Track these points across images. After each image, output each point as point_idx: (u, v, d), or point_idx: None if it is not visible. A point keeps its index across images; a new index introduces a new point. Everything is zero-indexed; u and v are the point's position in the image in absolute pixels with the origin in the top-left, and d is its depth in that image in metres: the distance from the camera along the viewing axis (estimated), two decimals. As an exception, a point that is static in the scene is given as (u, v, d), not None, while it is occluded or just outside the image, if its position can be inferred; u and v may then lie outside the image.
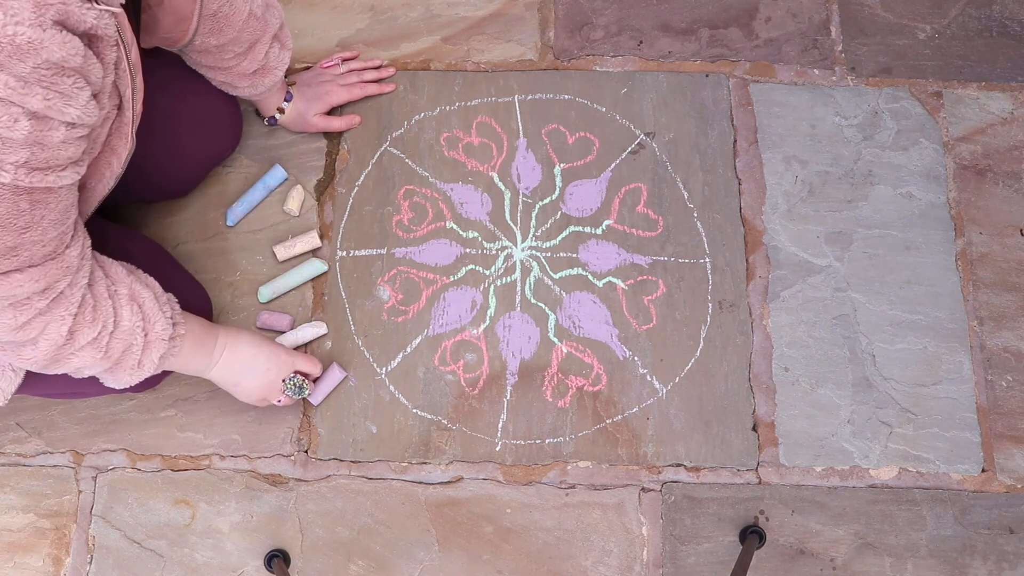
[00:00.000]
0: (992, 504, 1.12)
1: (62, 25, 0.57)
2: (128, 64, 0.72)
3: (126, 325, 0.82)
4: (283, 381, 1.04)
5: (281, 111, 1.17)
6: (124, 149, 0.81)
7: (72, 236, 0.73)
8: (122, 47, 0.69)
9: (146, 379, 1.02)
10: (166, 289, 0.96)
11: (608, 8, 1.33)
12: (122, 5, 0.66)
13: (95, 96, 0.66)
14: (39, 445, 1.13)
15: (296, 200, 1.20)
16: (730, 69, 1.30)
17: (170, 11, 0.91)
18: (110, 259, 0.85)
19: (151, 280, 0.89)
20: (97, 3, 0.61)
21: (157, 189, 1.14)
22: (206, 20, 0.95)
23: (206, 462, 1.12)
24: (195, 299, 1.08)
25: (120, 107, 0.76)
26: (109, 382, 0.88)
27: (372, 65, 1.27)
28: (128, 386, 0.89)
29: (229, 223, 1.20)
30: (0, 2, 0.52)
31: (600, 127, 1.26)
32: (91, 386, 0.97)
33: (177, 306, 0.91)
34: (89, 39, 0.63)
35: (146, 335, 0.85)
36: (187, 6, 0.92)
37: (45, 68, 0.57)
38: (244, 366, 1.00)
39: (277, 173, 1.21)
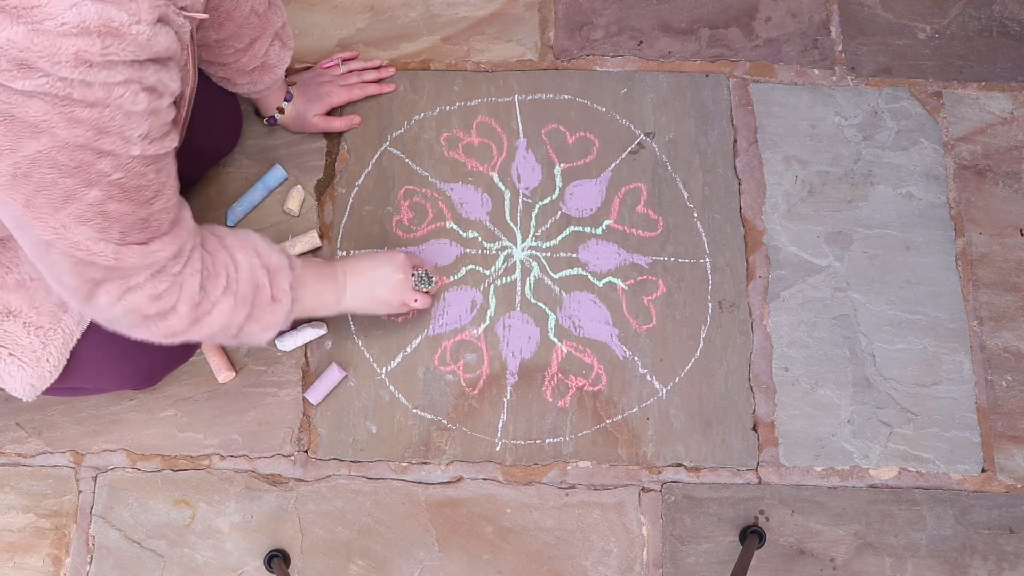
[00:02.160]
0: (992, 504, 1.12)
1: (163, 22, 0.65)
2: (192, 66, 0.79)
3: (245, 265, 0.86)
4: (411, 277, 1.06)
5: (281, 111, 1.17)
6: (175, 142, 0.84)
7: (183, 201, 0.79)
8: (191, 48, 0.77)
9: (150, 375, 1.03)
10: None
11: (608, 8, 1.33)
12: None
13: None
14: (39, 445, 1.13)
15: (296, 200, 1.20)
16: (730, 69, 1.30)
17: None
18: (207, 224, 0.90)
19: (251, 231, 0.93)
20: (184, 10, 0.70)
21: None
22: (208, 13, 0.95)
23: (206, 462, 1.12)
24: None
25: (177, 104, 0.79)
26: (258, 334, 0.91)
27: (372, 65, 1.27)
28: (277, 331, 0.92)
29: (229, 223, 1.20)
30: (123, 3, 0.59)
31: (600, 127, 1.26)
32: (91, 382, 0.97)
33: (286, 248, 0.96)
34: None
35: (267, 269, 0.89)
36: None
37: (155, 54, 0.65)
38: (371, 279, 1.03)
39: (277, 173, 1.21)
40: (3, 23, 0.56)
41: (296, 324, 1.16)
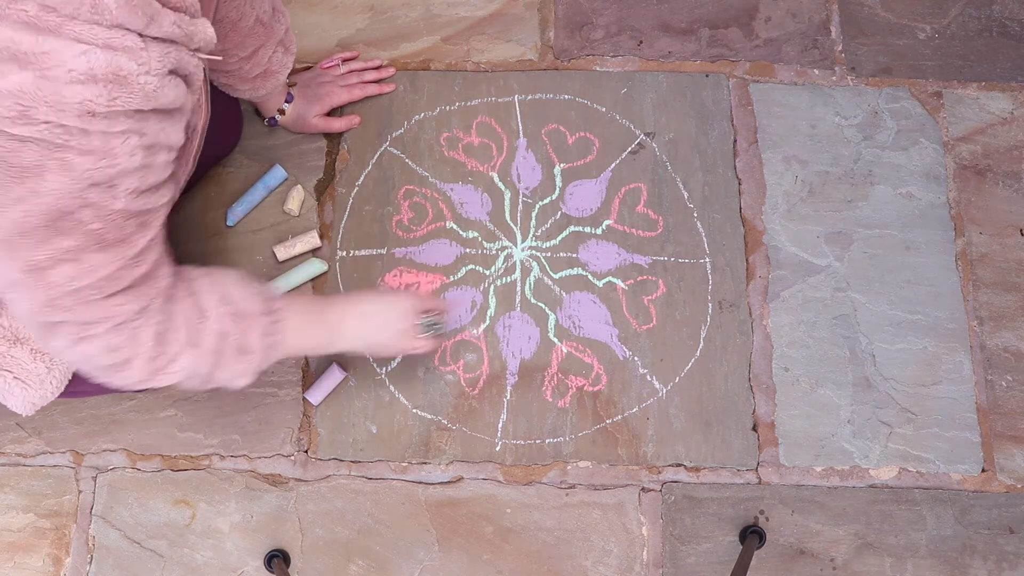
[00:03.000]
0: (992, 504, 1.12)
1: (174, 72, 0.64)
2: (204, 99, 0.77)
3: (212, 315, 0.81)
4: (417, 325, 0.99)
5: (281, 112, 1.17)
6: (184, 174, 0.83)
7: (164, 256, 0.76)
8: (205, 86, 0.75)
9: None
10: None
11: (608, 8, 1.33)
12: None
13: None
14: (39, 445, 1.13)
15: (296, 200, 1.20)
16: (730, 69, 1.30)
17: None
18: (204, 280, 0.84)
19: (230, 271, 0.88)
20: (198, 53, 0.68)
21: None
22: (213, 25, 0.95)
23: (206, 462, 1.12)
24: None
25: (188, 136, 0.78)
26: (230, 381, 0.86)
27: (372, 65, 1.27)
28: (253, 377, 0.86)
29: (229, 223, 1.20)
30: (134, 53, 0.58)
31: (600, 127, 1.26)
32: (89, 385, 0.97)
33: (269, 292, 0.89)
34: (186, 79, 0.68)
35: (237, 318, 0.82)
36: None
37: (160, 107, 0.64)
38: (373, 324, 0.97)
39: (277, 173, 1.21)
40: (11, 69, 0.55)
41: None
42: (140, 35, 0.59)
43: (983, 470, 1.13)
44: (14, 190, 0.60)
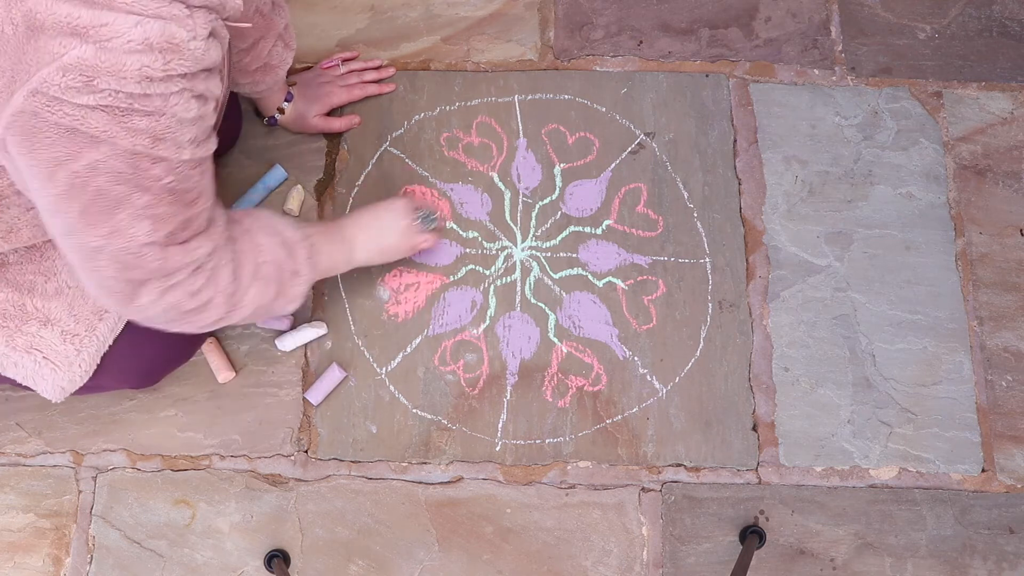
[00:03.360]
0: (992, 504, 1.12)
1: (213, 36, 0.69)
2: (226, 68, 0.82)
3: (267, 246, 0.90)
4: (415, 222, 1.07)
5: (281, 111, 1.17)
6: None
7: (217, 200, 0.83)
8: (228, 54, 0.80)
9: (151, 374, 1.04)
10: None
11: (608, 8, 1.33)
12: None
13: None
14: (39, 445, 1.13)
15: (296, 200, 1.20)
16: (730, 69, 1.30)
17: None
18: (249, 218, 0.93)
19: (263, 210, 0.96)
20: (228, 21, 0.73)
21: None
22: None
23: (206, 462, 1.12)
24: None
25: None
26: (285, 307, 0.94)
27: (372, 65, 1.27)
28: (299, 303, 0.96)
29: None
30: (182, 21, 0.63)
31: (600, 127, 1.26)
32: (91, 379, 0.97)
33: (306, 243, 0.97)
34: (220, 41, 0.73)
35: (286, 246, 0.92)
36: None
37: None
38: (377, 230, 1.05)
39: (277, 173, 1.21)
40: (72, 42, 0.59)
41: (296, 324, 1.16)
42: (185, 4, 0.63)
43: (983, 470, 1.13)
44: (88, 155, 0.64)
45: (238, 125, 1.20)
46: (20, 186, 0.73)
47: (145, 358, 0.99)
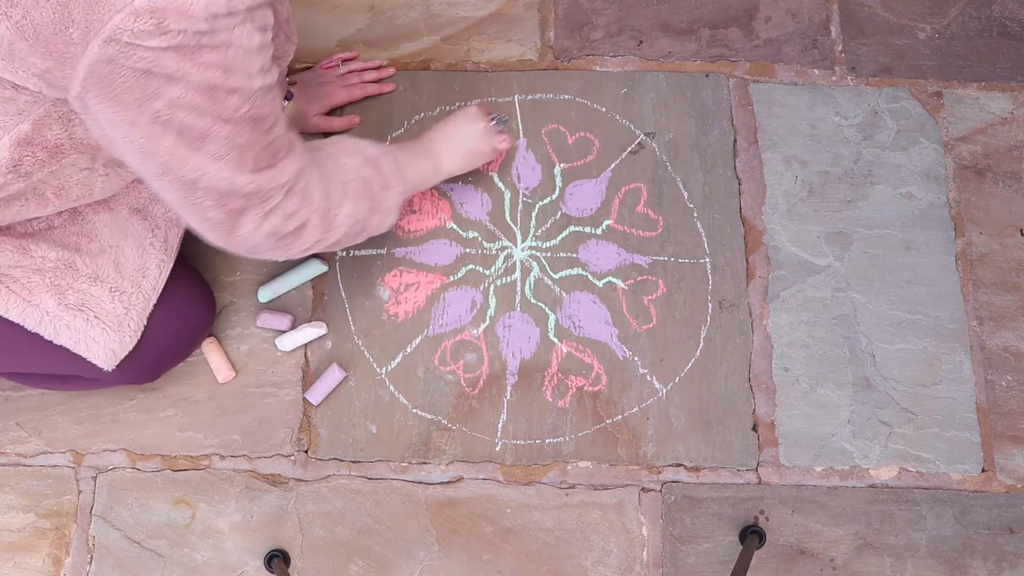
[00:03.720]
0: (992, 504, 1.12)
1: None
2: None
3: (351, 165, 0.94)
4: (491, 124, 1.12)
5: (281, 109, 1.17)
6: None
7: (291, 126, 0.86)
8: None
9: (151, 370, 1.04)
10: (168, 285, 0.98)
11: (608, 8, 1.33)
12: None
13: None
14: (39, 445, 1.13)
15: (296, 200, 1.20)
16: (730, 69, 1.30)
17: None
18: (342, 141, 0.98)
19: (343, 136, 1.02)
20: None
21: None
22: None
23: (206, 462, 1.12)
24: (198, 296, 1.08)
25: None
26: (383, 222, 0.99)
27: (372, 65, 1.27)
28: (398, 214, 1.01)
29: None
30: None
31: (600, 127, 1.26)
32: (91, 370, 0.97)
33: (392, 161, 1.00)
34: None
35: (370, 162, 0.96)
36: None
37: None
38: (460, 136, 1.10)
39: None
40: None
41: (296, 324, 1.16)
42: None
43: (983, 470, 1.13)
44: (167, 94, 0.68)
45: None
46: (104, 142, 0.77)
47: (144, 353, 0.99)
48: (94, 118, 0.72)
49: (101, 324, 0.93)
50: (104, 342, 0.94)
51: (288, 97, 1.17)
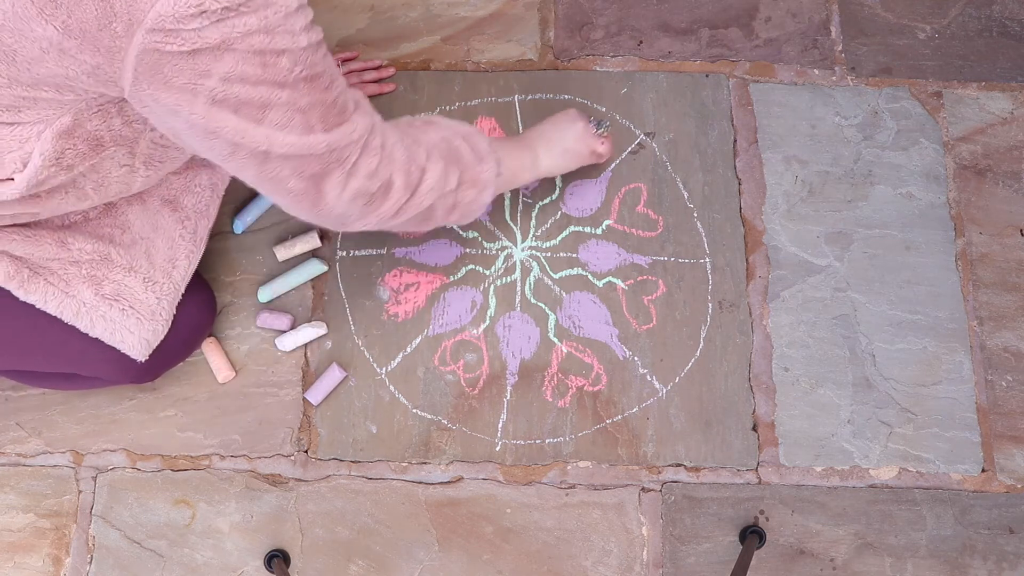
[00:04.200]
0: (992, 504, 1.12)
1: None
2: None
3: (436, 136, 0.93)
4: (590, 125, 1.13)
5: None
6: None
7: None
8: None
9: (151, 368, 1.03)
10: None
11: (608, 8, 1.33)
12: None
13: None
14: (39, 445, 1.13)
15: (296, 200, 1.20)
16: (730, 69, 1.30)
17: None
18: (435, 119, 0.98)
19: (469, 132, 0.99)
20: None
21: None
22: None
23: (206, 462, 1.12)
24: (198, 295, 1.08)
25: None
26: (476, 199, 0.97)
27: (372, 65, 1.27)
28: (493, 194, 0.98)
29: (237, 231, 1.19)
30: None
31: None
32: (89, 368, 0.97)
33: (491, 151, 1.00)
34: None
35: (461, 136, 0.95)
36: None
37: None
38: (559, 135, 1.10)
39: None
40: None
41: (296, 324, 1.16)
42: None
43: (983, 470, 1.13)
44: (218, 69, 0.67)
45: None
46: (172, 135, 0.77)
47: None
48: (155, 112, 0.73)
49: (136, 314, 0.95)
50: (139, 332, 0.95)
51: None
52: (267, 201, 1.20)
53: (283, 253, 1.18)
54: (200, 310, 1.07)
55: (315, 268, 1.17)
